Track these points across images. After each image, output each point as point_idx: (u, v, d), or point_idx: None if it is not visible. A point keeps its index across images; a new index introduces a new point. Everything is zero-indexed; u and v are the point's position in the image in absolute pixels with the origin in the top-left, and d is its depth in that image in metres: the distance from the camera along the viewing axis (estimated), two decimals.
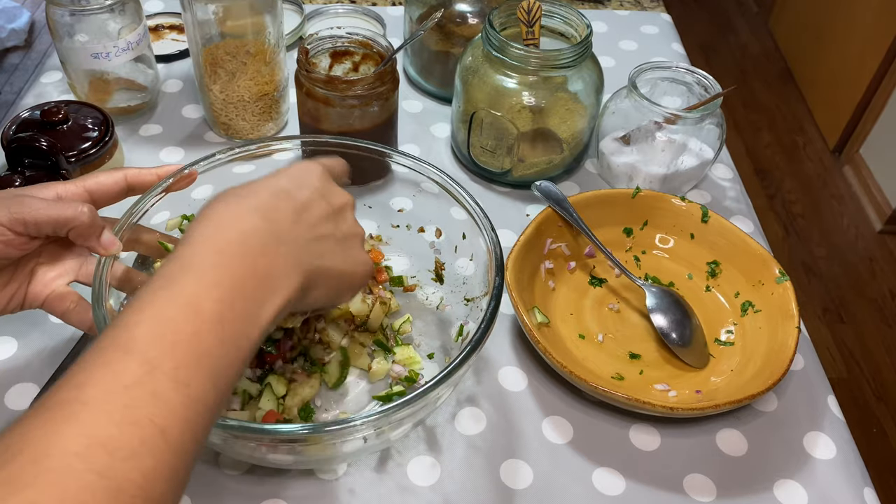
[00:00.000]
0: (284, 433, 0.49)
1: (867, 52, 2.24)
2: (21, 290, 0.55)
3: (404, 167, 0.67)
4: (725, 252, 0.76)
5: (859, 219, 2.22)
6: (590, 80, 0.82)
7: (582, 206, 0.76)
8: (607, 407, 0.66)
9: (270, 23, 0.82)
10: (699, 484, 0.62)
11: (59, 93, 0.95)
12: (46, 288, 0.56)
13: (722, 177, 0.91)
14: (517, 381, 0.68)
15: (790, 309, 0.69)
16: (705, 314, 0.74)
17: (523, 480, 0.61)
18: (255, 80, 0.85)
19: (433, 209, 0.69)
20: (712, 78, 0.84)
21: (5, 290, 0.55)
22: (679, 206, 0.78)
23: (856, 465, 0.64)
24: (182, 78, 0.99)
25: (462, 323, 0.66)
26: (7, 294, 0.55)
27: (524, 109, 0.80)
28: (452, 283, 0.70)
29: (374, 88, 0.76)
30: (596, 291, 0.76)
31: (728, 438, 0.65)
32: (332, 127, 0.78)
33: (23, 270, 0.56)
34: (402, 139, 0.90)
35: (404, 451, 0.63)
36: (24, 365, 0.66)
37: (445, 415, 0.65)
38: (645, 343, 0.72)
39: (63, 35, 0.84)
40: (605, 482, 0.62)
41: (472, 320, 0.63)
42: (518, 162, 0.84)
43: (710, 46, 2.87)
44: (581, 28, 0.81)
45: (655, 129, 0.82)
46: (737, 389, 0.64)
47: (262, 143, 0.66)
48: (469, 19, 0.92)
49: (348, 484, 0.61)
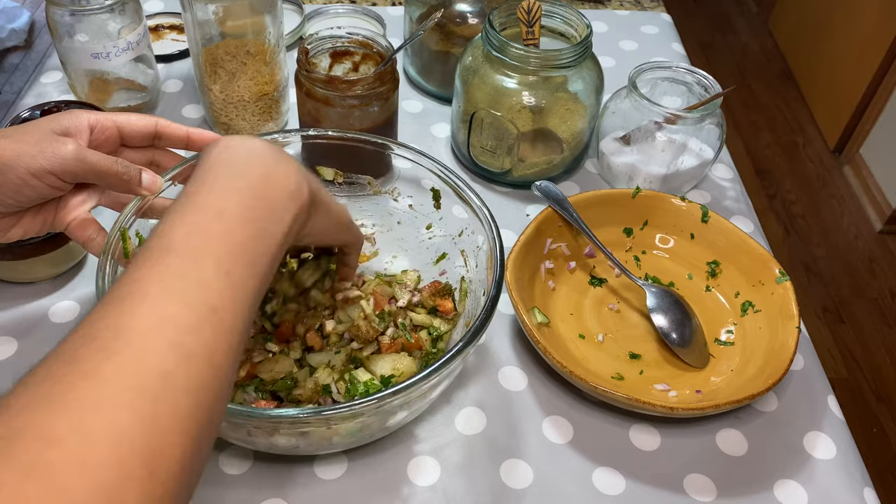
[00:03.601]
0: (283, 417, 0.50)
1: (867, 52, 2.24)
2: (51, 215, 0.58)
3: (405, 162, 0.67)
4: (725, 252, 0.76)
5: (859, 219, 2.22)
6: (590, 80, 0.82)
7: (582, 206, 0.76)
8: (607, 407, 0.66)
9: (270, 23, 0.82)
10: (699, 484, 0.62)
11: (59, 93, 0.96)
12: (70, 214, 0.58)
13: (722, 177, 0.91)
14: (517, 381, 0.68)
15: (790, 309, 0.69)
16: (705, 314, 0.74)
17: (523, 480, 0.61)
18: (255, 80, 0.85)
19: (432, 206, 0.69)
20: (712, 78, 0.84)
21: (38, 216, 0.57)
22: (679, 206, 0.78)
23: (856, 465, 0.64)
24: (182, 78, 0.99)
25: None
26: (39, 220, 0.57)
27: (524, 109, 0.80)
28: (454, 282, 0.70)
29: (374, 88, 0.76)
30: (596, 291, 0.76)
31: (728, 438, 0.65)
32: (332, 127, 0.78)
33: (54, 198, 0.58)
34: (402, 139, 0.90)
35: (405, 450, 0.63)
36: (24, 365, 0.66)
37: (445, 415, 0.65)
38: (645, 343, 0.72)
39: (63, 35, 0.84)
40: (605, 482, 0.62)
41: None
42: (518, 162, 0.84)
43: (710, 46, 2.86)
44: (581, 28, 0.81)
45: (655, 129, 0.82)
46: (737, 389, 0.64)
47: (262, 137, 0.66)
48: (469, 19, 0.92)
49: (348, 483, 0.61)
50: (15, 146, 0.52)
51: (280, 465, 0.61)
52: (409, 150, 0.67)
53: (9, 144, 0.52)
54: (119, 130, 0.59)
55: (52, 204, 0.57)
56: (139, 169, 0.57)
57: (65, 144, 0.53)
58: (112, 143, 0.59)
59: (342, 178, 0.70)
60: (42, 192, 0.54)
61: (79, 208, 0.58)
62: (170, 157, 0.63)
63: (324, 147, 0.69)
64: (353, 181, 0.72)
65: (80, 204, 0.58)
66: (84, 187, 0.58)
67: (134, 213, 0.58)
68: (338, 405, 0.50)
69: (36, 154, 0.52)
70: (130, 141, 0.60)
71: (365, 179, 0.71)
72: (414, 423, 0.64)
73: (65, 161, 0.53)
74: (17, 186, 0.52)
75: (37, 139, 0.53)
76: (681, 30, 1.18)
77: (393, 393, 0.50)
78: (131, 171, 0.56)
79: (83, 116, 0.57)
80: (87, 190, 0.58)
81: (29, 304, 0.72)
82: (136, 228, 0.59)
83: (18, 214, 0.56)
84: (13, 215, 0.56)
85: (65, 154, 0.53)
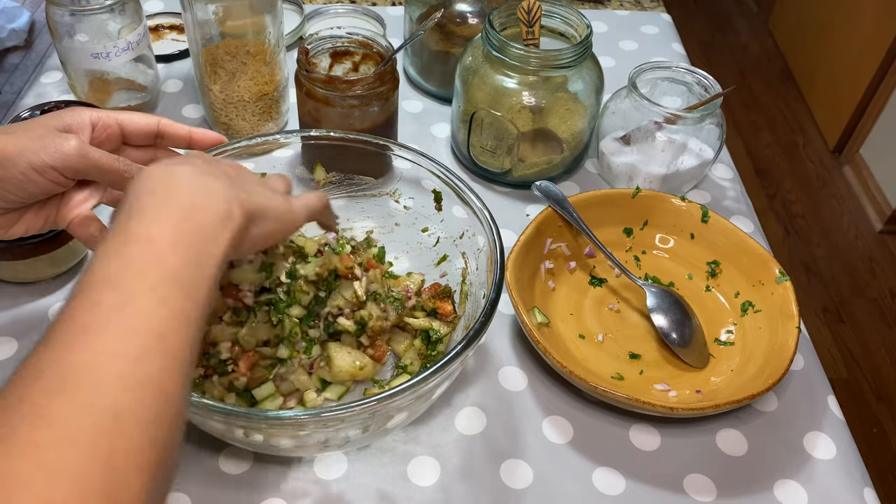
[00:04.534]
0: (282, 418, 0.50)
1: (867, 52, 2.24)
2: (53, 212, 0.58)
3: (405, 163, 0.67)
4: (725, 252, 0.76)
5: (859, 219, 2.22)
6: (590, 80, 0.82)
7: (582, 206, 0.76)
8: (607, 407, 0.66)
9: (270, 23, 0.82)
10: (699, 484, 0.62)
11: (59, 93, 0.95)
12: (73, 211, 0.58)
13: (722, 177, 0.91)
14: (517, 381, 0.68)
15: (790, 309, 0.69)
16: (705, 314, 0.74)
17: (523, 480, 0.61)
18: (255, 80, 0.85)
19: (433, 207, 0.69)
20: (712, 78, 0.84)
21: (40, 213, 0.57)
22: (679, 206, 0.78)
23: (856, 465, 0.64)
24: (182, 78, 0.99)
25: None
26: (42, 217, 0.57)
27: (524, 109, 0.80)
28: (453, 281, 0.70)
29: (374, 88, 0.76)
30: (596, 291, 0.76)
31: (728, 438, 0.65)
32: (332, 127, 0.78)
33: (56, 195, 0.58)
34: (402, 139, 0.90)
35: (405, 450, 0.63)
36: None
37: (445, 415, 0.65)
38: (645, 343, 0.72)
39: (63, 35, 0.84)
40: (605, 482, 0.62)
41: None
42: (518, 162, 0.84)
43: (710, 46, 2.86)
44: (581, 28, 0.81)
45: (655, 129, 0.82)
46: (737, 389, 0.64)
47: (261, 137, 0.66)
48: (469, 19, 0.92)
49: (348, 484, 0.61)
50: (17, 141, 0.52)
51: (280, 465, 0.61)
52: (410, 151, 0.67)
53: (11, 140, 0.52)
54: (121, 129, 0.59)
55: (55, 201, 0.58)
56: (140, 168, 0.57)
57: (67, 140, 0.53)
58: (114, 140, 0.59)
59: (332, 177, 0.71)
60: (44, 187, 0.54)
61: (81, 206, 0.58)
62: (172, 156, 0.63)
63: (324, 148, 0.69)
64: (353, 182, 0.72)
65: (82, 201, 0.58)
66: (86, 185, 0.58)
67: None
68: (338, 407, 0.50)
69: (38, 149, 0.52)
70: (133, 140, 0.61)
71: (365, 180, 0.71)
72: (414, 424, 0.64)
73: (67, 156, 0.53)
74: (19, 181, 0.53)
75: (39, 135, 0.53)
76: (681, 30, 1.18)
77: (393, 395, 0.50)
78: (132, 170, 0.56)
79: (85, 113, 0.57)
80: (90, 188, 0.58)
81: (29, 304, 0.72)
82: None
83: (21, 211, 0.56)
84: (16, 211, 0.56)
85: (67, 149, 0.53)
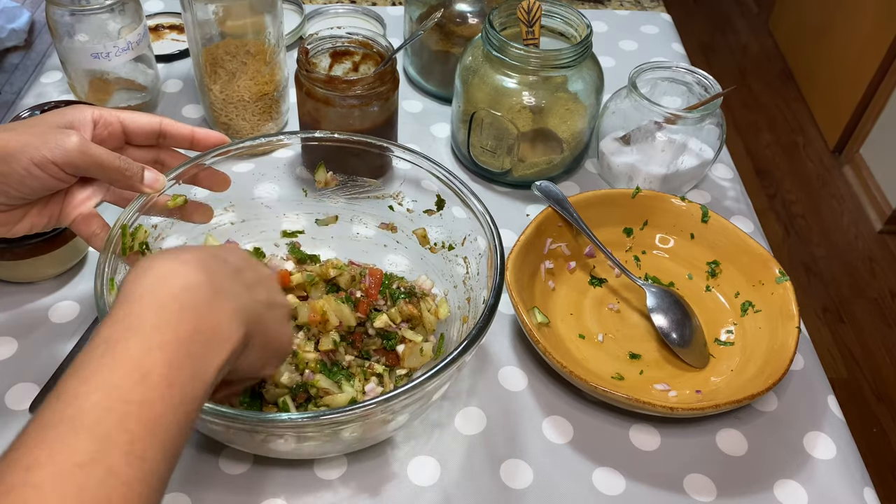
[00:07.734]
0: (284, 421, 0.50)
1: (867, 52, 2.24)
2: (57, 210, 0.58)
3: (405, 164, 0.67)
4: (725, 252, 0.76)
5: (859, 219, 2.22)
6: (590, 80, 0.82)
7: (582, 206, 0.76)
8: (607, 407, 0.66)
9: (270, 23, 0.82)
10: (699, 484, 0.62)
11: (59, 93, 0.95)
12: (76, 209, 0.58)
13: (722, 177, 0.91)
14: (517, 381, 0.68)
15: (790, 309, 0.69)
16: (705, 314, 0.74)
17: (523, 480, 0.61)
18: (255, 80, 0.85)
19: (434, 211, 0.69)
20: (712, 78, 0.84)
21: (44, 210, 0.58)
22: (679, 206, 0.78)
23: (856, 465, 0.64)
24: (182, 78, 0.99)
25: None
26: (46, 214, 0.58)
27: (524, 109, 0.80)
28: (452, 281, 0.70)
29: (374, 88, 0.76)
30: (596, 291, 0.76)
31: (728, 438, 0.65)
32: (332, 127, 0.78)
33: (60, 192, 0.58)
34: (402, 139, 0.90)
35: (405, 450, 0.63)
36: (24, 365, 0.66)
37: (445, 415, 0.65)
38: (645, 343, 0.72)
39: (63, 35, 0.84)
40: (605, 482, 0.62)
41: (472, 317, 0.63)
42: (518, 162, 0.84)
43: (710, 46, 2.86)
44: (581, 28, 0.81)
45: (655, 129, 0.82)
46: (737, 389, 0.64)
47: (264, 138, 0.66)
48: (469, 19, 0.92)
49: (348, 484, 0.60)
50: (20, 138, 0.53)
51: (280, 466, 0.61)
52: (410, 153, 0.66)
53: (14, 136, 0.53)
54: (123, 127, 0.59)
55: (58, 199, 0.58)
56: (141, 166, 0.58)
57: (68, 136, 0.54)
58: (116, 139, 0.60)
59: (336, 182, 0.71)
60: (46, 183, 0.54)
61: (84, 204, 0.58)
62: (174, 156, 0.64)
63: (324, 148, 0.69)
64: (356, 184, 0.72)
65: (85, 199, 0.58)
66: (89, 183, 0.59)
67: (137, 210, 0.59)
68: (337, 409, 0.50)
69: (40, 145, 0.53)
70: (135, 139, 0.61)
71: (368, 182, 0.71)
72: (414, 424, 0.64)
73: (68, 152, 0.53)
74: (21, 177, 0.53)
75: (41, 131, 0.54)
76: (681, 30, 1.18)
77: (392, 398, 0.50)
78: (133, 168, 0.57)
79: (87, 111, 0.57)
80: (93, 186, 0.59)
81: (29, 304, 0.72)
82: (138, 223, 0.60)
83: (25, 208, 0.57)
84: (20, 209, 0.56)
85: (68, 146, 0.53)
